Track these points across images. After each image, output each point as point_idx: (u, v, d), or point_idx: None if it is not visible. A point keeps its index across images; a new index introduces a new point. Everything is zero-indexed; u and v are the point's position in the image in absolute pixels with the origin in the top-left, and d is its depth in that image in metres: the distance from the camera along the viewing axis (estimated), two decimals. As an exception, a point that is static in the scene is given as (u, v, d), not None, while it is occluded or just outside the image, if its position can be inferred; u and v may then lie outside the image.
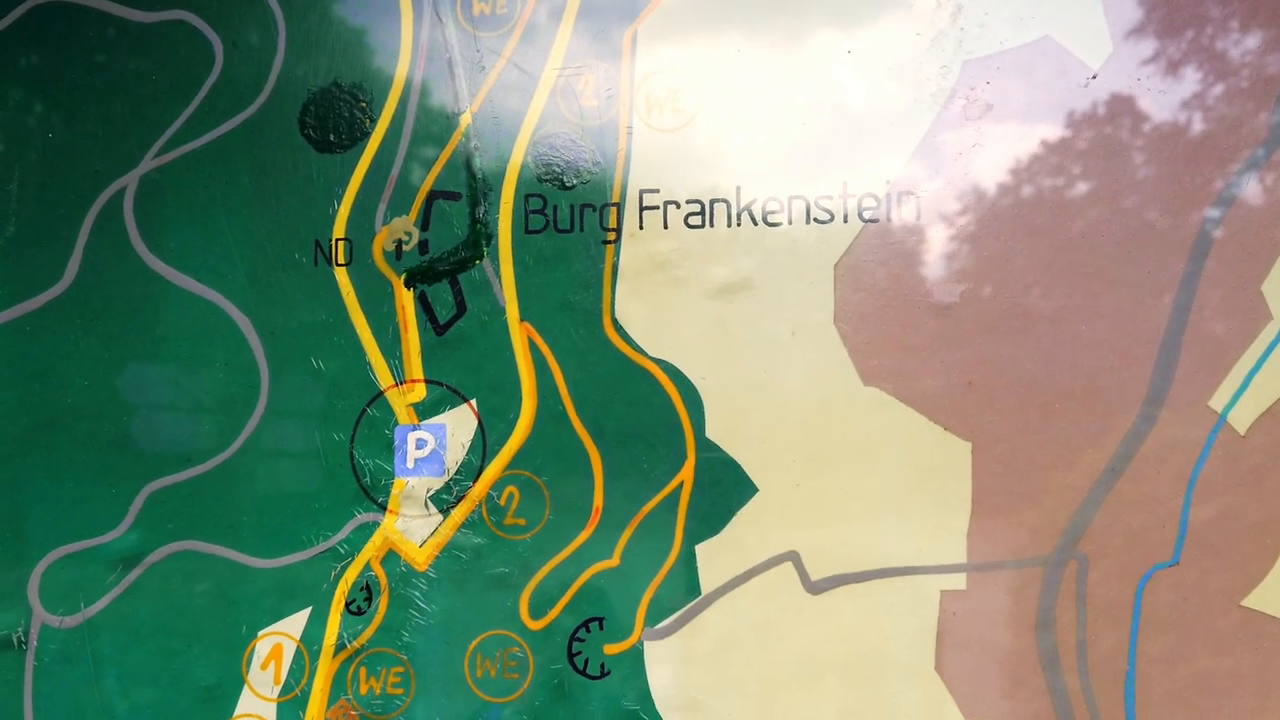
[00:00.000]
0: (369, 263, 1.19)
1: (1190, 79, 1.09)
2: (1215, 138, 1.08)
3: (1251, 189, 1.07)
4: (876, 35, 1.14)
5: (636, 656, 1.13)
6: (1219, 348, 1.07)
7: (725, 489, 1.13)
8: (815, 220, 1.14)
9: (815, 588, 1.11)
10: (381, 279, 1.19)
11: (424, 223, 1.19)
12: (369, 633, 1.16)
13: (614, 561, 1.14)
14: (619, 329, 1.15)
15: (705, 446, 1.13)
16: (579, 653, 1.13)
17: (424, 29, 1.20)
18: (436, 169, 1.19)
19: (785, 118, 1.14)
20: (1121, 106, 1.09)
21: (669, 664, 1.12)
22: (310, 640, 1.16)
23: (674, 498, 1.13)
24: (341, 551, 1.16)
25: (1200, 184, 1.08)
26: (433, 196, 1.19)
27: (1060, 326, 1.10)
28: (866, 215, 1.13)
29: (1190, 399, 1.08)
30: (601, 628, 1.13)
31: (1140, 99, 1.09)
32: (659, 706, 1.12)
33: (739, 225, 1.15)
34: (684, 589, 1.13)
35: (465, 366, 1.17)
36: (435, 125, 1.19)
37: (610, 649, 1.13)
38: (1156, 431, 1.08)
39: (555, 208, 1.17)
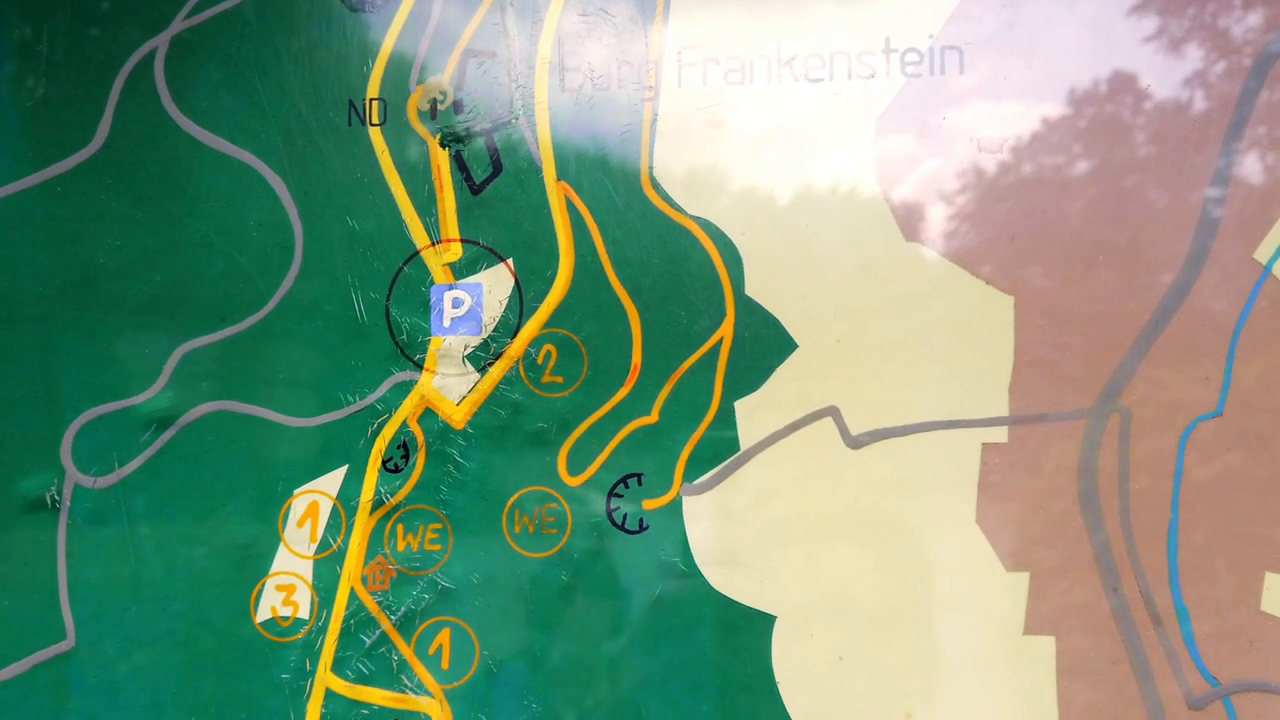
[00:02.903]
0: (404, 122, 1.09)
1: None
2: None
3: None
4: (921, -115, 1.04)
5: (675, 512, 1.04)
6: (1264, 200, 0.99)
7: (764, 345, 1.04)
8: (857, 76, 1.04)
9: (855, 442, 1.03)
10: (416, 139, 1.09)
11: (459, 82, 1.09)
12: (406, 490, 1.06)
13: (652, 418, 1.05)
14: (657, 187, 1.06)
15: (744, 303, 1.04)
16: (617, 508, 1.05)
17: (459, -115, 1.09)
18: (471, 27, 1.09)
19: (827, -29, 1.05)
20: (1172, -49, 1.00)
21: (707, 519, 1.04)
22: (347, 498, 1.07)
23: (713, 354, 1.04)
24: (378, 409, 1.07)
25: (1246, 39, 0.99)
26: (468, 55, 1.09)
27: (1104, 179, 1.01)
28: (909, 71, 1.04)
29: (1234, 251, 0.99)
30: (640, 483, 1.04)
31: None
32: (697, 561, 1.03)
33: (779, 82, 1.05)
34: (723, 445, 1.04)
35: (502, 226, 1.07)
36: (471, -17, 1.09)
37: (649, 504, 1.04)
38: (1200, 284, 0.99)
39: (592, 65, 1.07)
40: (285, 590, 1.06)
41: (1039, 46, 1.01)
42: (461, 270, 1.07)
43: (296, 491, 1.07)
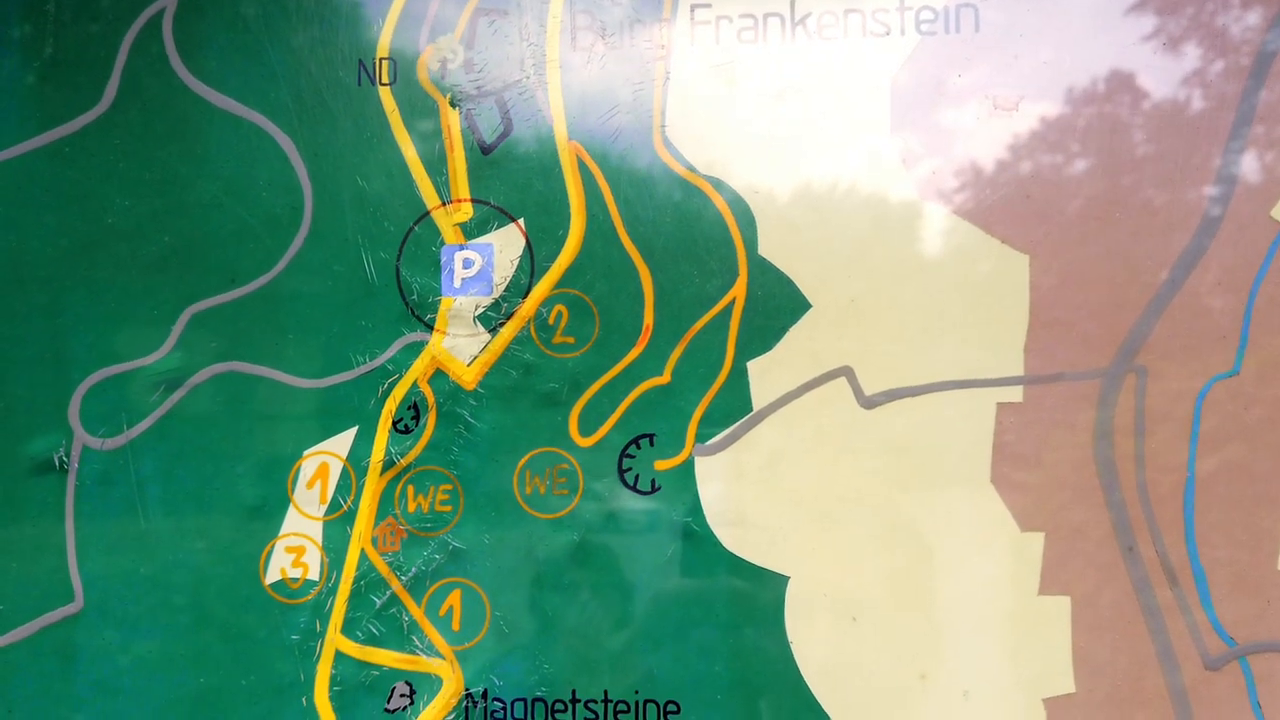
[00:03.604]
0: (414, 82, 1.07)
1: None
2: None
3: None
4: None
5: (687, 472, 1.02)
6: (1282, 157, 0.97)
7: (777, 305, 1.02)
8: (871, 34, 1.02)
9: (869, 402, 1.01)
10: (427, 98, 1.07)
11: (470, 40, 1.07)
12: (417, 450, 1.05)
13: (664, 379, 1.03)
14: (669, 146, 1.04)
15: (757, 263, 1.03)
16: (629, 469, 1.03)
17: None
18: (483, -14, 1.07)
19: (841, -72, 1.03)
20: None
21: (720, 479, 1.02)
22: (357, 459, 1.05)
23: (725, 315, 1.02)
24: (389, 370, 1.05)
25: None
26: (478, 14, 1.07)
27: (1119, 137, 0.99)
28: (924, 28, 1.02)
29: (1251, 209, 0.97)
30: (652, 444, 1.03)
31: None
32: (710, 521, 1.01)
33: (793, 40, 1.03)
34: (735, 405, 1.02)
35: (512, 185, 1.05)
36: (482, -59, 1.07)
37: (661, 465, 1.03)
38: (1217, 242, 0.97)
39: (604, 24, 1.05)
40: (295, 552, 1.04)
41: (1056, 3, 1.00)
42: (472, 230, 1.05)
43: (306, 453, 1.05)
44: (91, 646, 1.06)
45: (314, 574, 1.04)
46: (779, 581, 1.00)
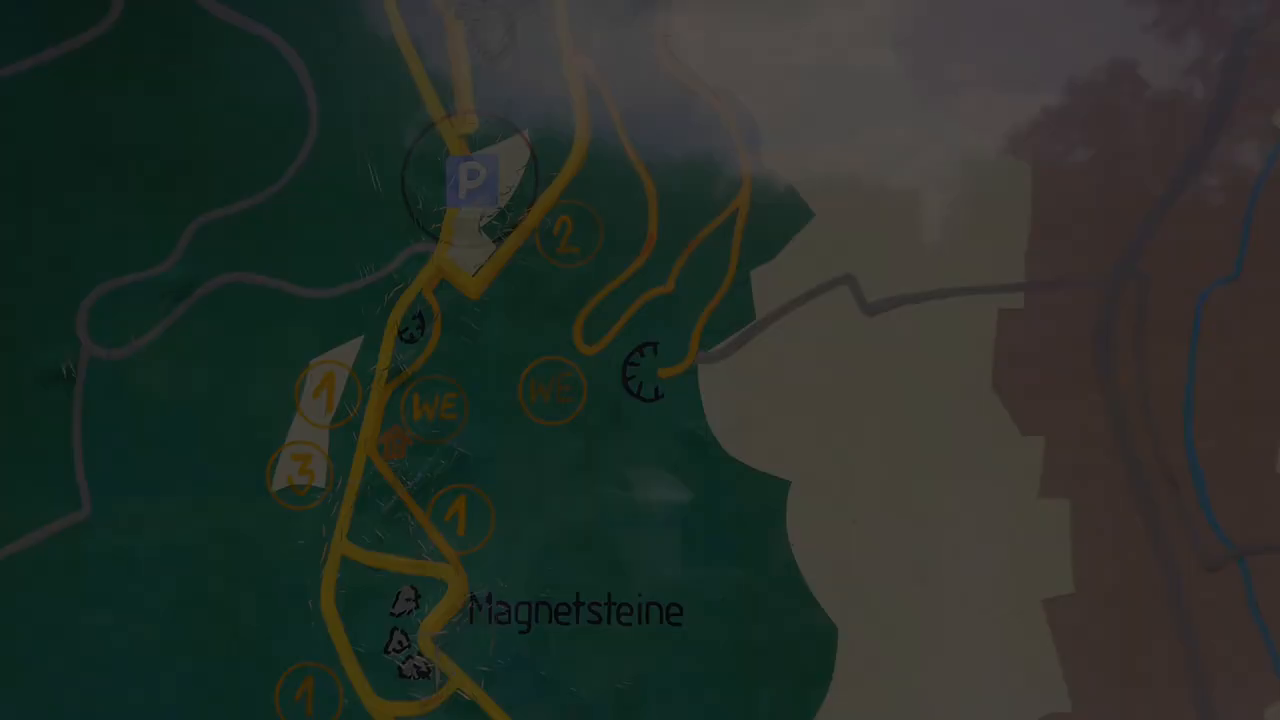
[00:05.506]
0: (419, -6, 1.06)
1: None
2: None
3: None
4: None
5: (691, 379, 1.02)
6: (1284, 64, 0.96)
7: (781, 214, 1.01)
8: (875, -57, 1.01)
9: (871, 309, 1.00)
10: (431, 10, 1.06)
11: (475, -47, 1.06)
12: (422, 360, 1.04)
13: (668, 288, 1.02)
14: (674, 56, 1.03)
15: (761, 172, 1.02)
16: (633, 376, 1.02)
17: None
18: (488, -102, 1.06)
19: None
20: None
21: (723, 386, 1.01)
22: (363, 368, 1.05)
23: (729, 224, 1.02)
24: (394, 280, 1.05)
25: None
26: (484, -74, 1.06)
27: (1123, 38, 0.98)
28: (927, -63, 1.01)
29: (1254, 113, 0.97)
30: (655, 352, 1.02)
31: None
32: (713, 427, 1.01)
33: (797, -50, 1.02)
34: (738, 313, 1.02)
35: (518, 97, 1.05)
36: None
37: (664, 372, 1.02)
38: (1219, 147, 0.97)
39: (609, -65, 1.04)
40: (301, 459, 1.04)
41: (1059, -88, 0.99)
42: (477, 142, 1.04)
43: (312, 362, 1.05)
44: (99, 553, 1.05)
45: (320, 481, 1.04)
46: (781, 486, 1.00)
